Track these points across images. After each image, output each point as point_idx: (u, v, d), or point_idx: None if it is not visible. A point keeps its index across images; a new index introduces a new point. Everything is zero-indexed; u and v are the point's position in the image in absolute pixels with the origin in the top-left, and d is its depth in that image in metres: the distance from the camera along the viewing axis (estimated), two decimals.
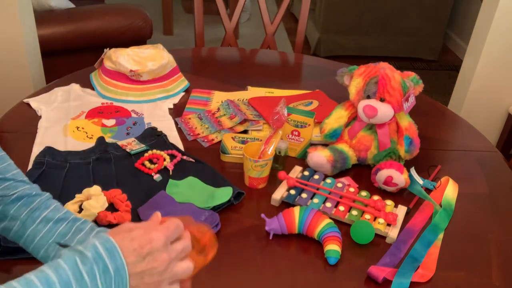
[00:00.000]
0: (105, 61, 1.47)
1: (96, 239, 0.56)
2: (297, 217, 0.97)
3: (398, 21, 3.52)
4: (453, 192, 1.15)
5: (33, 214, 0.74)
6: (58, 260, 0.54)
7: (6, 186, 0.75)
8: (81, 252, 0.55)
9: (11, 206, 0.74)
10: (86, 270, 0.54)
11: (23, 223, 0.74)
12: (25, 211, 0.74)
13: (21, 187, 0.76)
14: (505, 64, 2.11)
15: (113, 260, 0.55)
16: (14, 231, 0.74)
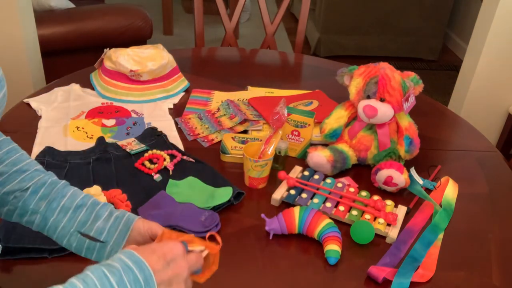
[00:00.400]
0: (105, 61, 1.47)
1: (121, 254, 0.58)
2: (297, 217, 0.97)
3: (398, 21, 3.52)
4: (453, 192, 1.15)
5: (51, 205, 0.74)
6: (86, 272, 0.56)
7: (22, 178, 0.75)
8: (109, 265, 0.57)
9: (30, 201, 0.74)
10: (116, 280, 0.55)
11: (43, 215, 0.74)
12: (43, 203, 0.74)
13: (37, 177, 0.76)
14: (505, 64, 2.11)
15: (142, 271, 0.57)
16: (36, 224, 0.74)
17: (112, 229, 0.72)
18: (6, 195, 0.74)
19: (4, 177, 0.74)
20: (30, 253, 0.90)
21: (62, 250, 0.91)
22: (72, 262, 0.90)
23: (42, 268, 0.89)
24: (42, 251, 0.90)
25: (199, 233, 0.95)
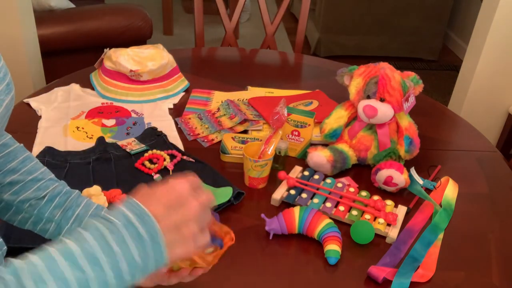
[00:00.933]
0: (105, 61, 1.47)
1: (123, 206, 0.54)
2: (297, 217, 0.97)
3: (398, 21, 3.52)
4: (453, 192, 1.15)
5: (66, 214, 0.75)
6: (82, 232, 0.51)
7: (38, 187, 0.76)
8: (109, 221, 0.52)
9: (45, 209, 0.75)
10: (116, 239, 0.51)
11: (58, 224, 0.75)
12: (58, 212, 0.75)
13: (52, 186, 0.77)
14: (505, 64, 2.11)
15: (144, 224, 0.53)
16: (50, 232, 0.75)
17: None
18: (21, 203, 0.75)
19: (19, 185, 0.75)
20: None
21: None
22: None
23: None
24: None
25: None
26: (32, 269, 0.47)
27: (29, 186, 0.75)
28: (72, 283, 0.48)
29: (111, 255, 0.50)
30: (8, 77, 0.60)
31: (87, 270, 0.48)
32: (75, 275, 0.48)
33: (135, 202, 0.54)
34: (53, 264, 0.48)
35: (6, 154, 0.76)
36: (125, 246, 0.51)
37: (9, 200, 0.76)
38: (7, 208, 0.77)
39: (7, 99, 0.59)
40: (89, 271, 0.49)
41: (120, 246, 0.51)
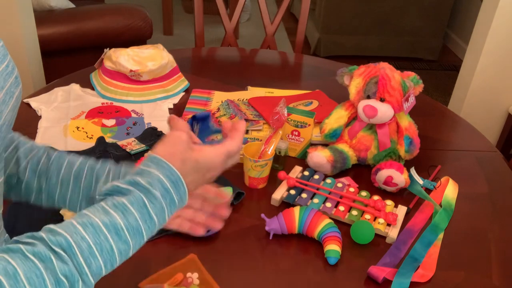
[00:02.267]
0: (105, 61, 1.47)
1: (160, 171, 0.58)
2: (297, 217, 0.97)
3: (398, 21, 3.52)
4: (453, 192, 1.15)
5: (51, 181, 0.73)
6: (125, 203, 0.54)
7: (17, 158, 0.73)
8: (149, 191, 0.56)
9: (31, 181, 0.73)
10: (155, 211, 0.56)
11: (47, 193, 0.73)
12: (43, 181, 0.73)
13: (30, 154, 0.74)
14: (505, 64, 2.11)
15: (178, 191, 0.59)
16: (45, 202, 0.74)
17: None
18: (10, 178, 0.73)
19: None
20: None
21: None
22: None
23: None
24: None
25: None
26: (83, 244, 0.50)
27: (9, 159, 0.73)
28: (117, 254, 0.53)
29: (151, 225, 0.56)
30: (16, 71, 0.60)
31: (131, 241, 0.54)
32: (120, 247, 0.53)
33: (170, 167, 0.58)
34: (102, 240, 0.51)
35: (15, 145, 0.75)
36: (162, 213, 0.57)
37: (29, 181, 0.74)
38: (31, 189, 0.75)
39: (17, 91, 0.60)
40: (132, 242, 0.54)
41: (159, 215, 0.57)
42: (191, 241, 0.96)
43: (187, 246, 0.95)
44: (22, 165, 0.72)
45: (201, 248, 0.94)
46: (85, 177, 0.72)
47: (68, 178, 0.72)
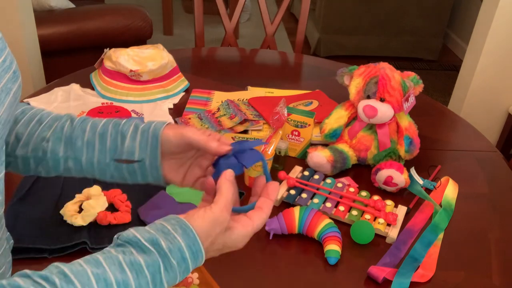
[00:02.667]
0: (105, 61, 1.47)
1: (184, 241, 0.56)
2: (297, 217, 0.97)
3: (398, 21, 3.52)
4: (453, 192, 1.15)
5: (76, 145, 0.69)
6: (142, 264, 0.53)
7: (41, 129, 0.70)
8: (167, 258, 0.55)
9: (58, 150, 0.69)
10: (167, 278, 0.55)
11: (74, 158, 0.69)
12: (69, 147, 0.69)
13: (55, 124, 0.70)
14: (505, 64, 2.12)
15: (195, 261, 0.57)
16: (74, 169, 0.70)
17: (142, 145, 0.67)
18: (35, 151, 0.70)
19: (25, 137, 0.70)
20: (30, 253, 0.90)
21: (62, 250, 0.91)
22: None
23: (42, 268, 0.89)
24: (42, 251, 0.90)
25: None
26: None
27: (33, 131, 0.70)
28: None
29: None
30: (14, 65, 0.58)
31: None
32: None
33: (195, 240, 0.57)
34: None
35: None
36: (174, 280, 0.56)
37: (24, 155, 0.71)
38: (28, 163, 0.71)
39: (14, 87, 0.58)
40: None
41: (170, 282, 0.56)
42: None
43: None
44: (46, 137, 0.69)
45: None
46: (110, 136, 0.68)
47: (93, 139, 0.68)
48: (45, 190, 1.04)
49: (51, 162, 0.69)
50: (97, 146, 0.68)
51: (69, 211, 0.96)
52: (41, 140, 0.69)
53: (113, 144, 0.68)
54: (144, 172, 0.68)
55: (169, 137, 0.66)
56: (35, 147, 0.69)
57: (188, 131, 0.66)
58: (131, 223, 0.98)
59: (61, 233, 0.93)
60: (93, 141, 0.68)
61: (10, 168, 0.72)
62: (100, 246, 0.92)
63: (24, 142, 0.69)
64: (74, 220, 0.94)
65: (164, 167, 0.68)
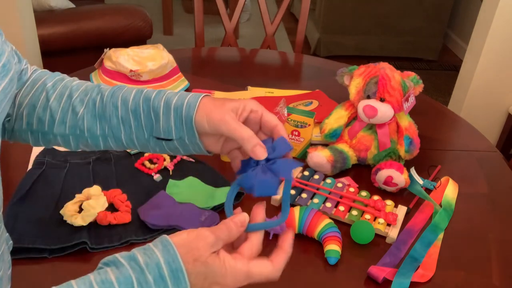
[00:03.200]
0: (105, 61, 1.47)
1: (162, 254, 0.52)
2: (297, 217, 0.97)
3: (398, 21, 3.52)
4: (453, 192, 1.15)
5: (112, 123, 0.67)
6: (113, 282, 0.50)
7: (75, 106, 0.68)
8: (142, 273, 0.51)
9: (94, 128, 0.67)
10: None
11: (114, 137, 0.68)
12: (106, 126, 0.67)
13: (85, 98, 0.68)
14: (505, 64, 2.12)
15: (177, 283, 0.52)
16: (115, 146, 0.69)
17: (177, 124, 0.64)
18: (73, 129, 0.68)
19: (59, 114, 0.69)
20: (30, 253, 0.90)
21: (62, 250, 0.91)
22: (72, 262, 0.90)
23: (42, 268, 0.89)
24: (42, 251, 0.90)
25: None
26: None
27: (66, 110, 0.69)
28: None
29: None
30: (3, 58, 0.55)
31: None
32: None
33: (175, 255, 0.52)
34: None
35: None
36: None
37: (62, 133, 0.69)
38: (68, 141, 0.70)
39: (4, 83, 0.55)
40: None
41: None
42: None
43: None
44: (80, 113, 0.68)
45: None
46: (143, 113, 0.66)
47: (128, 117, 0.66)
48: (45, 190, 1.04)
49: (90, 140, 0.69)
50: (133, 123, 0.66)
51: (69, 211, 0.96)
52: (75, 116, 0.68)
53: (148, 121, 0.66)
54: (185, 147, 0.67)
55: (203, 124, 0.63)
56: (72, 124, 0.68)
57: (223, 124, 0.62)
58: (131, 223, 0.98)
59: (61, 233, 0.93)
60: (128, 118, 0.66)
61: (52, 145, 0.72)
62: (100, 246, 0.92)
63: (59, 119, 0.68)
64: (74, 220, 0.94)
65: (203, 141, 0.66)
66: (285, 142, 0.62)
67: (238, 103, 0.64)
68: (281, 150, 0.61)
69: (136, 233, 0.96)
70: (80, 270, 0.90)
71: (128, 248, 0.93)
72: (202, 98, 0.65)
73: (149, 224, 0.96)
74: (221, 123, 0.62)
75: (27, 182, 1.04)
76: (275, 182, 0.60)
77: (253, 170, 0.60)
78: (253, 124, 0.65)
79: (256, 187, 0.59)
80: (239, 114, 0.64)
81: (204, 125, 0.63)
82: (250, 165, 0.62)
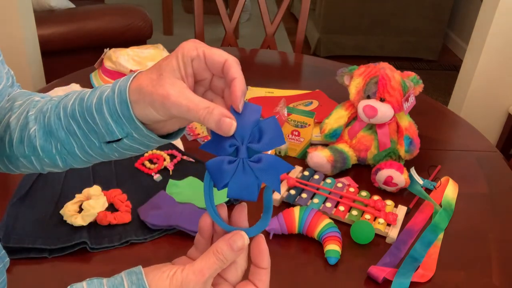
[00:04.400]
0: (105, 61, 1.47)
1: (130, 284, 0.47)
2: (297, 217, 0.97)
3: (398, 21, 3.52)
4: (453, 192, 1.15)
5: (61, 137, 0.57)
6: None
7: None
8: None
9: (48, 147, 0.59)
10: None
11: (68, 152, 0.59)
12: (57, 141, 0.58)
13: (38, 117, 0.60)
14: (505, 64, 2.12)
15: None
16: (75, 162, 0.60)
17: (115, 118, 0.52)
18: (31, 149, 0.60)
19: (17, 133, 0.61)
20: (30, 253, 0.90)
21: (62, 250, 0.91)
22: (72, 262, 0.90)
23: (42, 268, 0.89)
24: (42, 251, 0.90)
25: None
26: None
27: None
28: None
29: None
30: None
31: None
32: None
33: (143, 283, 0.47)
34: None
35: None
36: None
37: (23, 154, 0.61)
38: (31, 162, 0.62)
39: None
40: None
41: None
42: (191, 241, 0.95)
43: (187, 246, 0.94)
44: (31, 130, 0.59)
45: None
46: (80, 117, 0.55)
47: (71, 126, 0.56)
48: (45, 190, 1.04)
49: (48, 161, 0.60)
50: (78, 131, 0.56)
51: (69, 211, 0.96)
52: (29, 134, 0.59)
53: (87, 125, 0.54)
54: (142, 143, 0.55)
55: (145, 111, 0.50)
56: (28, 143, 0.60)
57: (169, 104, 0.47)
58: (131, 223, 0.98)
59: (61, 233, 0.93)
60: (71, 127, 0.56)
61: (22, 169, 0.64)
62: (100, 246, 0.92)
63: (17, 139, 0.60)
64: (74, 220, 0.94)
65: (158, 129, 0.54)
66: (252, 108, 0.49)
67: (175, 59, 0.49)
68: (250, 117, 0.48)
69: (136, 233, 0.96)
70: (80, 270, 0.90)
71: (128, 248, 0.94)
72: (133, 77, 0.51)
73: (149, 224, 0.96)
74: (167, 104, 0.47)
75: (27, 182, 1.04)
76: (256, 185, 0.49)
77: (229, 164, 0.47)
78: (201, 73, 0.51)
79: (231, 188, 0.47)
80: (182, 75, 0.49)
81: (147, 111, 0.50)
82: (224, 148, 0.48)
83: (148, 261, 0.91)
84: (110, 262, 0.90)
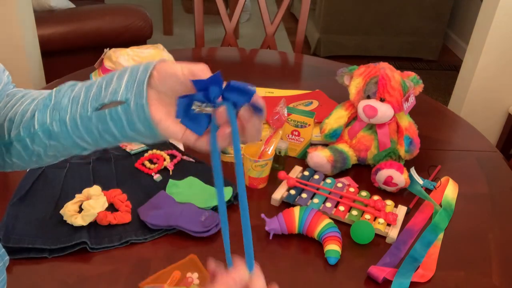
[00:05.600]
0: (105, 61, 1.47)
1: None
2: (297, 217, 0.97)
3: (398, 21, 3.52)
4: (453, 192, 1.15)
5: (62, 103, 0.61)
6: None
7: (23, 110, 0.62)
8: None
9: (45, 118, 0.61)
10: None
11: (58, 120, 0.61)
12: (55, 110, 0.61)
13: (36, 99, 0.64)
14: (505, 64, 2.12)
15: None
16: (58, 132, 0.60)
17: (128, 84, 0.56)
18: (27, 129, 0.61)
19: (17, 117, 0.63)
20: (30, 253, 0.90)
21: (62, 250, 0.91)
22: (72, 262, 0.90)
23: (42, 268, 0.89)
24: (42, 251, 0.90)
25: (199, 233, 0.95)
26: None
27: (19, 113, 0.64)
28: None
29: None
30: None
31: None
32: None
33: None
34: None
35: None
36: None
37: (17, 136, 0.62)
38: (26, 145, 0.63)
39: None
40: None
41: None
42: (191, 241, 0.96)
43: (187, 246, 0.95)
44: (30, 109, 0.62)
45: (201, 248, 0.94)
46: (97, 84, 0.59)
47: (79, 93, 0.60)
48: (45, 190, 1.04)
49: (41, 135, 0.60)
50: (82, 99, 0.58)
51: (69, 211, 0.96)
52: (30, 115, 0.61)
53: (98, 90, 0.57)
54: (129, 117, 0.56)
55: (157, 81, 0.59)
56: (26, 124, 0.61)
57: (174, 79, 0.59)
58: (131, 223, 0.98)
59: (61, 233, 0.93)
60: (79, 94, 0.59)
61: (16, 160, 0.64)
62: (100, 246, 0.92)
63: (16, 122, 0.62)
64: (74, 220, 0.94)
65: (152, 110, 0.56)
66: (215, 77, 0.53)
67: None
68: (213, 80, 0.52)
69: (136, 233, 0.96)
70: (80, 270, 0.90)
71: (128, 248, 0.94)
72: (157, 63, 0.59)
73: (149, 224, 0.96)
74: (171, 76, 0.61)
75: (27, 182, 1.04)
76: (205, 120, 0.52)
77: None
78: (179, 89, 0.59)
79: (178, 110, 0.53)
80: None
81: (157, 82, 0.58)
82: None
83: (148, 261, 0.91)
84: (110, 262, 0.90)
